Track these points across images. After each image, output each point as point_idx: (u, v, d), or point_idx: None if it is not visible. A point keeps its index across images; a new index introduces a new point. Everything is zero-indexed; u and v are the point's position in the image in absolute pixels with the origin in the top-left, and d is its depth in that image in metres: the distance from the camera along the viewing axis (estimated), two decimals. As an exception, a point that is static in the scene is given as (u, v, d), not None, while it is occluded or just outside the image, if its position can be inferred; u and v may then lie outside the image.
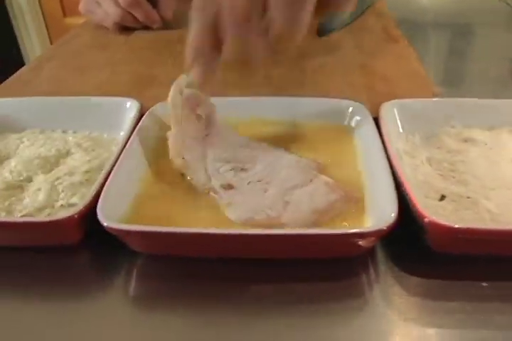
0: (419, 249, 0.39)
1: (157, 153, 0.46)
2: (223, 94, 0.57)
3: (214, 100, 0.51)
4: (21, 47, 2.12)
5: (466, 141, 0.50)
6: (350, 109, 0.49)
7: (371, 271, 0.38)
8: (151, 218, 0.39)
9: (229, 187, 0.41)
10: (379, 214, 0.37)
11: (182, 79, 0.46)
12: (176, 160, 0.43)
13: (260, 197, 0.40)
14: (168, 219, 0.39)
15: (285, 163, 0.43)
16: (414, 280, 0.37)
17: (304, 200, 0.39)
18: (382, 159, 0.41)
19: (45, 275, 0.39)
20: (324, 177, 0.41)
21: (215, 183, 0.42)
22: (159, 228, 0.34)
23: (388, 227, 0.34)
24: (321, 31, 0.76)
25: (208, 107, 0.47)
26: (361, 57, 0.66)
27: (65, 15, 2.08)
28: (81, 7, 0.81)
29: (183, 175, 0.44)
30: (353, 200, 0.40)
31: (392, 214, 0.35)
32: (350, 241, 0.35)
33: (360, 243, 0.36)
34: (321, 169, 0.43)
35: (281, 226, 0.37)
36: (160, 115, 0.50)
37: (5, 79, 0.65)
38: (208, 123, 0.47)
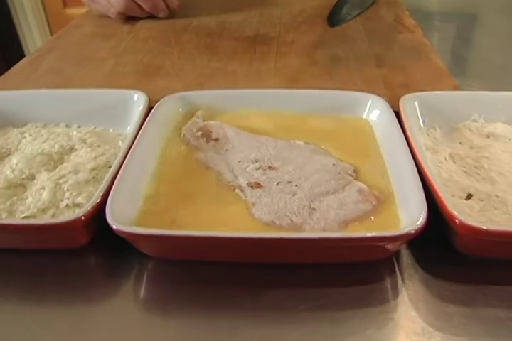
0: (447, 251, 0.36)
1: (168, 149, 0.44)
2: (233, 86, 0.55)
3: (226, 93, 0.48)
4: (21, 38, 2.09)
5: (488, 136, 0.47)
6: (370, 102, 0.47)
7: (397, 274, 0.36)
8: (163, 219, 0.36)
9: (256, 185, 0.39)
10: (407, 216, 0.35)
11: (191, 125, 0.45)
12: None
13: (287, 200, 0.37)
14: (182, 220, 0.36)
15: (319, 166, 0.40)
16: (443, 284, 0.35)
17: (332, 209, 0.36)
18: (407, 157, 0.39)
19: (52, 279, 0.37)
20: (359, 184, 0.39)
21: (242, 181, 0.39)
22: (171, 232, 0.32)
23: (417, 231, 0.32)
24: (332, 21, 0.73)
25: (220, 128, 0.45)
26: (375, 47, 0.64)
27: (65, 6, 2.04)
28: (84, -4, 0.78)
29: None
30: (383, 207, 0.37)
31: (421, 217, 0.32)
32: (377, 245, 0.33)
33: (388, 247, 0.34)
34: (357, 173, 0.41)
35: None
36: (169, 108, 0.47)
37: (5, 71, 0.63)
38: (225, 141, 0.45)
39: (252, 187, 0.39)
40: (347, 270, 0.36)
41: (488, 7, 1.22)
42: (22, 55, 2.14)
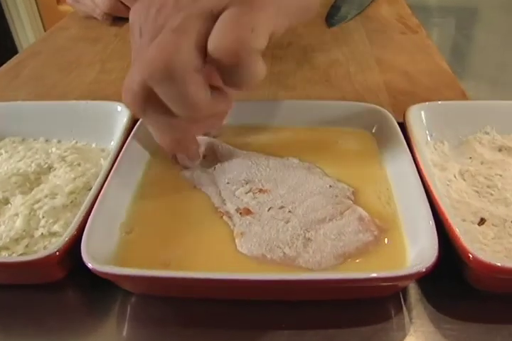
0: (459, 285, 0.33)
1: (153, 169, 0.41)
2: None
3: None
4: (14, 35, 2.05)
5: (500, 149, 0.44)
6: (373, 114, 0.43)
7: (404, 311, 0.32)
8: (146, 255, 0.33)
9: (246, 212, 0.35)
10: (415, 249, 0.31)
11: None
12: None
13: (280, 228, 0.34)
14: (166, 255, 0.33)
15: (315, 188, 0.37)
16: (454, 322, 0.32)
17: (329, 240, 0.33)
18: (415, 178, 0.35)
19: (27, 318, 0.33)
20: (359, 210, 0.35)
21: (230, 207, 0.36)
22: (154, 272, 0.29)
23: (428, 269, 0.28)
24: (330, 21, 0.69)
25: (208, 144, 0.42)
26: (377, 50, 0.60)
27: (58, 2, 2.00)
28: (68, -4, 0.74)
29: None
30: (385, 238, 0.34)
31: (433, 253, 0.29)
32: (385, 284, 0.30)
33: (395, 285, 0.30)
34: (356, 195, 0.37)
35: (298, 267, 0.32)
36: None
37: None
38: (213, 158, 0.41)
39: (240, 213, 0.35)
40: (350, 307, 0.33)
41: (488, 2, 1.18)
42: (15, 52, 2.10)
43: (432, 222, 0.31)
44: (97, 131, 0.46)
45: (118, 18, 0.73)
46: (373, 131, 0.43)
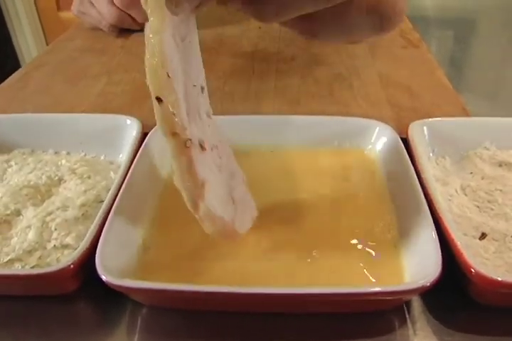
0: (461, 297, 0.34)
1: (165, 183, 0.41)
2: (231, 108, 0.52)
3: (223, 119, 0.46)
4: (14, 41, 2.05)
5: (500, 164, 0.45)
6: (376, 130, 0.44)
7: (408, 324, 0.33)
8: (160, 267, 0.34)
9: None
10: (419, 265, 0.32)
11: None
12: None
13: None
14: (180, 268, 0.34)
15: None
16: (456, 335, 0.33)
17: None
18: (419, 195, 0.36)
19: (38, 328, 0.34)
20: None
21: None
22: (169, 286, 0.30)
23: (431, 283, 0.29)
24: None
25: None
26: (379, 65, 0.61)
27: (59, 9, 2.01)
28: (73, 8, 0.75)
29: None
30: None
31: (437, 269, 0.30)
32: (388, 298, 0.31)
33: (397, 298, 0.31)
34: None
35: None
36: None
37: None
38: None
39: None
40: (355, 320, 0.33)
41: (486, 15, 1.19)
42: (15, 59, 2.11)
43: (435, 238, 0.32)
44: (105, 144, 0.47)
45: (124, 30, 0.74)
46: (377, 146, 0.44)
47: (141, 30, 0.72)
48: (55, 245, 0.37)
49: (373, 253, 0.35)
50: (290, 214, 0.39)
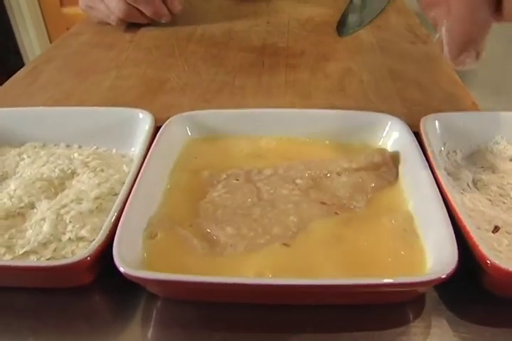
0: (476, 289, 0.34)
1: (179, 177, 0.42)
2: (242, 102, 0.53)
3: (236, 113, 0.46)
4: (17, 37, 2.06)
5: (511, 159, 0.45)
6: (389, 124, 0.44)
7: (424, 316, 0.34)
8: (176, 260, 0.34)
9: None
10: (436, 257, 0.32)
11: None
12: None
13: None
14: (195, 260, 0.34)
15: None
16: (471, 327, 0.33)
17: None
18: (433, 188, 0.36)
19: (54, 320, 0.34)
20: None
21: None
22: (185, 277, 0.30)
23: (448, 275, 0.30)
24: (341, 30, 0.70)
25: None
26: (388, 59, 0.61)
27: (62, 5, 2.01)
28: (81, 3, 0.75)
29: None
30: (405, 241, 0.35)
31: (453, 261, 0.30)
32: (403, 289, 0.31)
33: (414, 290, 0.31)
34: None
35: None
36: (176, 130, 0.44)
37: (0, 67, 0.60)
38: None
39: None
40: (372, 312, 0.34)
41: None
42: (18, 54, 2.11)
43: (451, 230, 0.33)
44: (117, 137, 0.47)
45: (132, 24, 0.74)
46: (389, 140, 0.44)
47: (149, 24, 0.72)
48: (70, 237, 0.37)
49: (390, 246, 0.35)
50: (302, 208, 0.39)
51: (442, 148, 0.45)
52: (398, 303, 0.34)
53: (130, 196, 0.36)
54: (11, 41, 2.05)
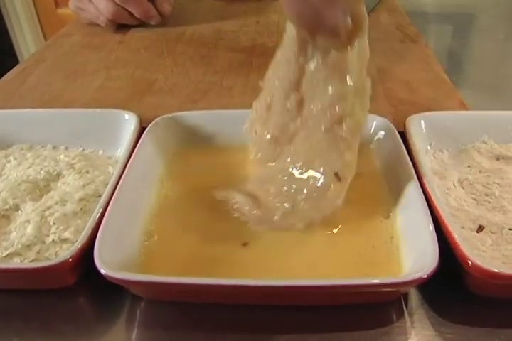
0: (458, 289, 0.34)
1: (163, 178, 0.42)
2: (229, 102, 0.53)
3: (222, 113, 0.46)
4: (13, 38, 2.05)
5: (498, 158, 0.45)
6: (374, 124, 0.44)
7: (406, 316, 0.34)
8: (160, 260, 0.34)
9: None
10: (417, 257, 0.32)
11: None
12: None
13: None
14: (180, 261, 0.34)
15: None
16: (454, 327, 0.33)
17: None
18: (416, 188, 0.36)
19: (38, 321, 0.34)
20: None
21: None
22: (167, 278, 0.30)
23: (429, 275, 0.30)
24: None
25: None
26: (377, 58, 0.61)
27: (57, 5, 2.00)
28: (71, 4, 0.75)
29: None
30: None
31: (434, 261, 0.30)
32: (385, 289, 0.31)
33: (395, 290, 0.31)
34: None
35: None
36: (162, 131, 0.44)
37: None
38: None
39: None
40: (353, 312, 0.34)
41: (485, 9, 1.19)
42: (13, 55, 2.11)
43: (432, 229, 0.33)
44: (104, 139, 0.47)
45: (122, 25, 0.74)
46: (374, 139, 0.44)
47: (139, 25, 0.72)
48: (53, 239, 0.37)
49: (370, 245, 0.35)
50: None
51: (429, 147, 0.45)
52: (381, 303, 0.34)
53: (113, 197, 0.36)
54: (7, 43, 2.05)
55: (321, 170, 0.36)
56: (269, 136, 0.39)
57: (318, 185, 0.36)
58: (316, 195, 0.36)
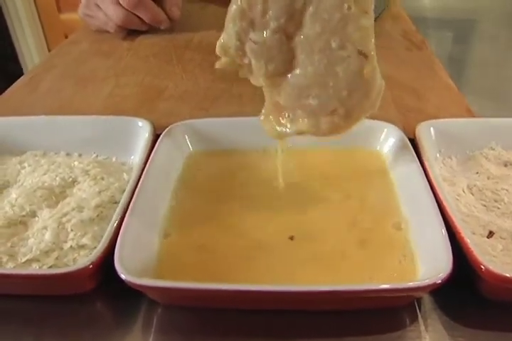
0: (471, 294, 0.35)
1: (179, 183, 0.43)
2: (240, 109, 0.53)
3: (233, 121, 0.47)
4: (15, 43, 2.06)
5: (506, 164, 0.46)
6: (385, 131, 0.45)
7: (420, 320, 0.34)
8: (177, 266, 0.35)
9: None
10: (431, 262, 0.33)
11: None
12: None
13: None
14: (197, 267, 0.35)
15: None
16: (466, 331, 0.34)
17: None
18: (428, 194, 0.37)
19: (56, 326, 0.35)
20: None
21: None
22: (187, 284, 0.30)
23: (443, 280, 0.30)
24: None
25: None
26: (384, 66, 0.61)
27: (59, 11, 2.01)
28: (79, 11, 0.76)
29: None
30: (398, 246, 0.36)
31: (447, 266, 0.31)
32: (399, 295, 0.31)
33: (409, 295, 0.32)
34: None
35: None
36: (176, 139, 0.45)
37: None
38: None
39: None
40: (368, 316, 0.34)
41: (486, 14, 1.20)
42: (16, 61, 2.12)
43: (446, 236, 0.33)
44: (117, 146, 0.47)
45: (130, 32, 0.75)
46: (385, 147, 0.45)
47: (147, 31, 0.73)
48: (71, 245, 0.37)
49: (384, 250, 0.36)
50: (301, 215, 0.40)
51: (438, 155, 0.46)
52: (394, 308, 0.35)
53: (131, 204, 0.37)
54: (9, 47, 2.06)
55: (345, 53, 0.33)
56: (274, 34, 0.34)
57: (351, 72, 0.34)
58: (356, 83, 0.34)
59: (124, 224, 0.35)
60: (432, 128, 0.45)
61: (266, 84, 0.37)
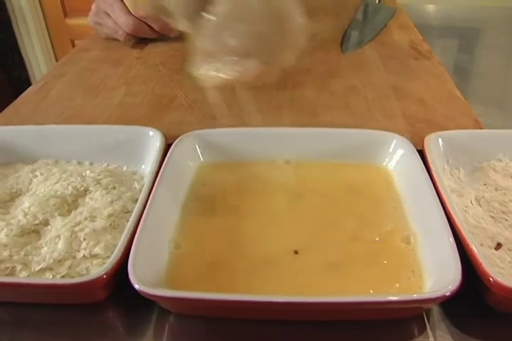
0: (480, 305, 0.35)
1: (190, 193, 0.43)
2: (248, 119, 0.54)
3: (244, 131, 0.47)
4: (22, 48, 2.07)
5: (513, 176, 0.46)
6: (394, 142, 0.45)
7: (428, 331, 0.34)
8: (190, 276, 0.35)
9: None
10: (440, 274, 0.33)
11: None
12: None
13: None
14: (210, 277, 0.35)
15: None
16: (477, 343, 0.34)
17: None
18: (437, 206, 0.37)
19: (68, 335, 0.35)
20: None
21: None
22: (201, 294, 0.31)
23: (452, 292, 0.31)
24: (345, 46, 0.72)
25: None
26: (392, 77, 0.62)
27: (66, 16, 2.03)
28: (89, 19, 0.77)
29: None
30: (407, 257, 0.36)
31: (457, 278, 0.31)
32: (408, 306, 0.32)
33: (418, 307, 0.32)
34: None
35: None
36: (186, 149, 0.46)
37: (5, 78, 0.61)
38: None
39: None
40: (377, 327, 0.35)
41: (491, 23, 1.21)
42: (23, 66, 2.13)
43: (455, 248, 0.34)
44: (128, 155, 0.48)
45: (139, 40, 0.75)
46: (394, 158, 0.46)
47: (156, 40, 0.73)
48: (84, 255, 0.38)
49: (393, 261, 0.36)
50: (308, 227, 0.40)
51: (446, 166, 0.46)
52: (403, 319, 0.35)
53: (144, 214, 0.37)
54: (16, 53, 2.07)
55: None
56: None
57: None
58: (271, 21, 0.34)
59: (136, 235, 0.35)
60: (440, 140, 0.46)
61: (188, 26, 0.37)
